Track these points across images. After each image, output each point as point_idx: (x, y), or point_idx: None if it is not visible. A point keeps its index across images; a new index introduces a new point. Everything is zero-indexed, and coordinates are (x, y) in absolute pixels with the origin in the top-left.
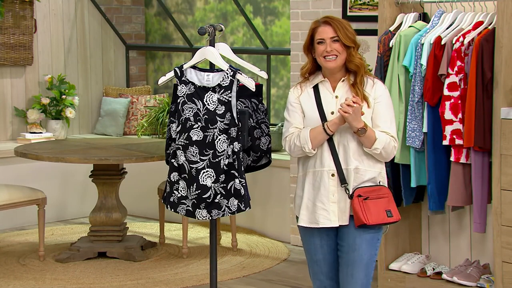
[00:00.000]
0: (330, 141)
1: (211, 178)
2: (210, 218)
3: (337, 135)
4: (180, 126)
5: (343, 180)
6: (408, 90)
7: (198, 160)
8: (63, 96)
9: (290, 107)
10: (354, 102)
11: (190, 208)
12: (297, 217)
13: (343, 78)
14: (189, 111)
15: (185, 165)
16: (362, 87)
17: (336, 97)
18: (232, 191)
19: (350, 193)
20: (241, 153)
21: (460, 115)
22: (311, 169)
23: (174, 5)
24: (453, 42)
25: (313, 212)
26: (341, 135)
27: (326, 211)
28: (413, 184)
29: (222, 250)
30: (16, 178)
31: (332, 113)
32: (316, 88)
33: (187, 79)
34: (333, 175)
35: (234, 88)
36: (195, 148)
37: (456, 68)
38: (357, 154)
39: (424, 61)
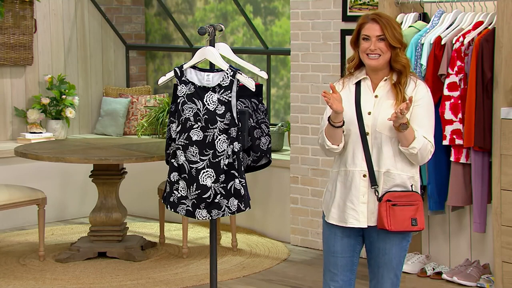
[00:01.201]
0: (364, 142)
1: (211, 178)
2: (210, 218)
3: (371, 136)
4: (180, 126)
5: (373, 182)
6: None
7: (198, 160)
8: (63, 96)
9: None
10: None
11: (190, 208)
12: (323, 212)
13: (385, 77)
14: (189, 111)
15: (185, 165)
16: (404, 88)
17: (376, 96)
18: (232, 191)
19: (379, 195)
20: (241, 153)
21: (460, 115)
22: (344, 168)
23: (174, 5)
24: (453, 42)
25: (343, 211)
26: (376, 136)
27: (355, 211)
28: None
29: (222, 250)
30: (16, 178)
31: (369, 113)
32: (358, 85)
33: (187, 79)
34: (364, 175)
35: (234, 88)
36: (195, 148)
37: (456, 68)
38: (390, 157)
39: (424, 61)
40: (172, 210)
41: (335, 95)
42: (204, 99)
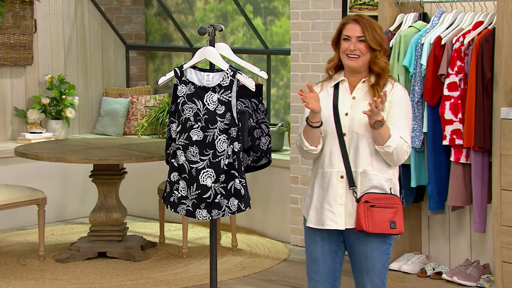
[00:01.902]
0: (341, 142)
1: (211, 178)
2: (210, 218)
3: (348, 137)
4: (180, 126)
5: (351, 183)
6: (408, 90)
7: (198, 160)
8: (63, 96)
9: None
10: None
11: (190, 208)
12: (304, 217)
13: (363, 79)
14: (189, 111)
15: (185, 165)
16: (381, 90)
17: (354, 98)
18: (232, 191)
19: (358, 196)
20: (241, 153)
21: (460, 115)
22: (321, 170)
23: (174, 5)
24: (453, 42)
25: (321, 213)
26: (352, 137)
27: (333, 213)
28: (413, 184)
29: (222, 250)
30: (16, 178)
31: (346, 114)
32: (336, 88)
33: (187, 79)
34: (342, 177)
35: (234, 88)
36: (195, 148)
37: (456, 68)
38: (367, 156)
39: (424, 61)
40: (172, 210)
41: (312, 94)
42: (204, 99)
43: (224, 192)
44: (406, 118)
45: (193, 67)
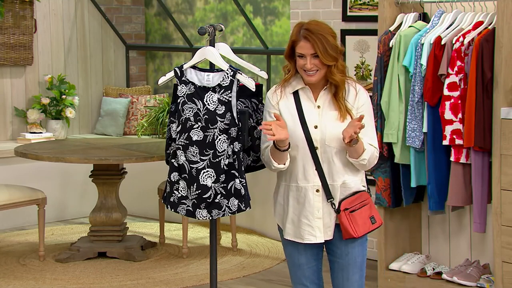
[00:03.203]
0: (314, 156)
1: (211, 178)
2: (210, 218)
3: (321, 149)
4: (180, 126)
5: (328, 196)
6: (408, 90)
7: (198, 160)
8: (63, 96)
9: (269, 118)
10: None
11: (190, 208)
12: (278, 226)
13: (325, 87)
14: (189, 111)
15: (185, 165)
16: (343, 101)
17: (318, 107)
18: (233, 191)
19: (337, 207)
20: (241, 153)
21: (460, 115)
22: (295, 184)
23: (174, 5)
24: (453, 42)
25: (299, 227)
26: (325, 150)
27: (311, 227)
28: (413, 184)
29: (222, 250)
30: (16, 178)
31: (316, 127)
32: (296, 94)
33: (187, 79)
34: (317, 190)
35: (234, 88)
36: (195, 148)
37: (456, 68)
38: (342, 169)
39: (424, 61)
40: (172, 210)
41: (280, 123)
42: (204, 99)
43: (224, 192)
44: (371, 122)
45: (193, 67)
